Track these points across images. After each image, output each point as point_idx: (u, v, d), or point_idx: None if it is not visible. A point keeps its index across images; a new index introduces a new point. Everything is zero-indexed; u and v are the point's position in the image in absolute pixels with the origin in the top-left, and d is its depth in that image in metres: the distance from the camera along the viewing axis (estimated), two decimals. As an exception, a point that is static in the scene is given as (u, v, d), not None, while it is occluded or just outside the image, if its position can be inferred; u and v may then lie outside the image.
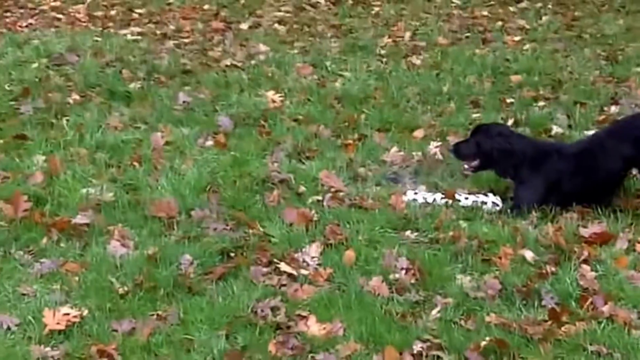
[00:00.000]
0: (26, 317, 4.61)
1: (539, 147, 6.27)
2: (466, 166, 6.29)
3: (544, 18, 11.00)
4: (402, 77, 8.66)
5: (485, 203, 6.05)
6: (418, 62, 9.23)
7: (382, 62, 9.23)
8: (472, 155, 6.23)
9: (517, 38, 10.12)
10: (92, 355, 4.35)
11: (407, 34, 10.32)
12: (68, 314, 4.58)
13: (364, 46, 9.80)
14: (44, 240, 5.39)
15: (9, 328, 4.54)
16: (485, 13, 11.40)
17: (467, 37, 10.29)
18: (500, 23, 10.87)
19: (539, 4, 11.65)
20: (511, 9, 11.61)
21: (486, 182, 6.37)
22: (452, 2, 12.03)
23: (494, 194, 6.15)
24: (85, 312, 4.65)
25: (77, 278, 5.00)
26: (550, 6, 11.60)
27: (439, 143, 6.94)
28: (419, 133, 7.23)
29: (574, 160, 6.10)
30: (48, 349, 4.40)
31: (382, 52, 9.62)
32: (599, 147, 6.14)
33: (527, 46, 9.72)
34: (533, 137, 6.91)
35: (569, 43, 9.92)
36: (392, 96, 8.10)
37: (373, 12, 11.58)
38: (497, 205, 6.05)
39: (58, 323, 4.53)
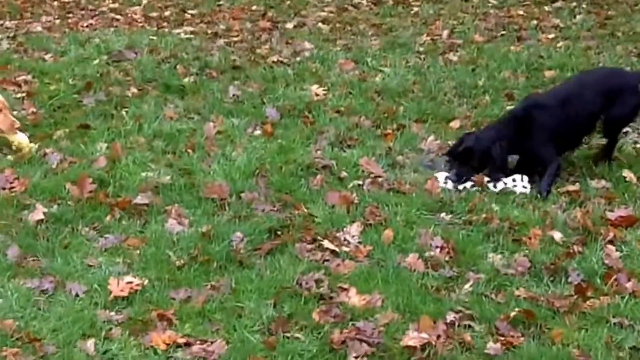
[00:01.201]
0: (92, 285, 5.06)
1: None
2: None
3: (577, 17, 11.17)
4: (439, 72, 8.94)
5: (515, 186, 6.40)
6: (455, 58, 9.49)
7: (420, 58, 9.50)
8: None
9: (551, 36, 10.31)
10: (153, 319, 4.78)
11: (445, 32, 10.55)
12: (131, 282, 5.03)
13: (403, 44, 10.06)
14: (108, 218, 5.85)
15: (77, 295, 4.99)
16: (520, 12, 11.58)
17: (502, 35, 10.48)
18: (535, 22, 11.02)
19: (574, 4, 11.81)
20: (546, 8, 11.76)
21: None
22: (489, 2, 12.22)
23: (522, 179, 6.48)
24: (146, 282, 5.09)
25: (138, 252, 5.45)
26: (584, 6, 11.74)
27: (474, 133, 7.28)
28: (455, 124, 7.55)
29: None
30: (112, 313, 4.84)
31: (421, 49, 9.87)
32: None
33: (560, 44, 9.91)
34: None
35: (602, 41, 10.10)
36: (429, 90, 8.41)
37: (412, 11, 11.80)
38: (526, 188, 6.39)
39: (122, 290, 4.98)
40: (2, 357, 4.44)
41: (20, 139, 6.80)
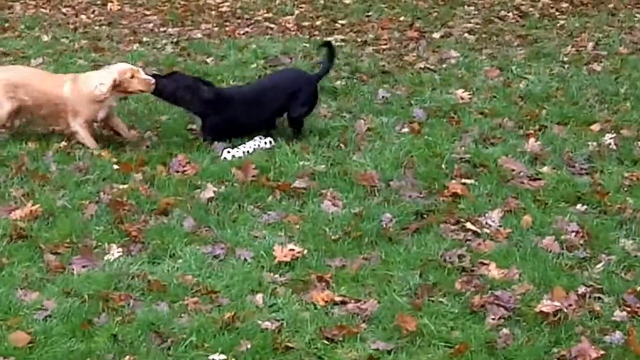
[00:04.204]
0: (259, 252, 5.69)
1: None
2: None
3: None
4: (582, 80, 9.28)
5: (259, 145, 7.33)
6: (598, 68, 9.79)
7: (564, 67, 9.85)
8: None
9: (698, 49, 10.56)
10: (312, 280, 5.38)
11: (590, 44, 10.84)
12: (293, 250, 5.65)
13: (547, 54, 10.42)
14: (270, 198, 6.48)
15: (245, 259, 5.63)
16: (668, 26, 11.84)
17: (648, 47, 10.78)
18: (683, 35, 11.29)
19: None
20: (696, 22, 11.99)
21: None
22: (635, 16, 12.46)
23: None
24: (305, 251, 5.69)
25: (297, 226, 6.06)
26: None
27: (613, 135, 7.62)
28: (595, 127, 7.87)
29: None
30: (277, 275, 5.47)
31: (565, 59, 10.21)
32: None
33: None
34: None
35: None
36: (572, 95, 8.77)
37: (558, 24, 12.11)
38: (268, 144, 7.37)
39: (285, 256, 5.60)
40: (184, 305, 5.12)
41: None
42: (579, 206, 6.39)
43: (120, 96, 7.63)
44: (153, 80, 7.35)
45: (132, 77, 7.30)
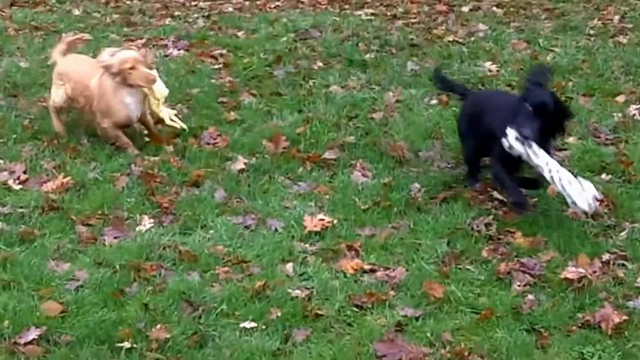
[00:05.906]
0: (289, 222, 5.82)
1: None
2: None
3: None
4: (608, 53, 9.33)
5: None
6: (624, 40, 9.82)
7: (590, 40, 9.90)
8: None
9: None
10: (342, 249, 5.51)
11: (616, 17, 10.87)
12: (323, 220, 5.78)
13: (574, 27, 10.45)
14: (300, 169, 6.61)
15: (276, 229, 5.76)
16: (697, -2, 11.79)
17: (676, 20, 10.76)
18: None
19: None
20: None
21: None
22: (662, -11, 12.45)
23: None
24: (335, 221, 5.81)
25: (327, 197, 6.19)
26: None
27: (638, 106, 7.68)
28: (620, 98, 7.96)
29: None
30: (307, 245, 5.60)
31: (591, 32, 10.25)
32: None
33: None
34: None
35: None
36: (597, 68, 8.83)
37: (586, -3, 12.22)
38: None
39: (315, 226, 5.73)
40: (215, 274, 5.26)
41: (158, 88, 6.93)
42: (603, 175, 6.50)
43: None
44: (153, 75, 6.75)
45: (132, 68, 6.68)
